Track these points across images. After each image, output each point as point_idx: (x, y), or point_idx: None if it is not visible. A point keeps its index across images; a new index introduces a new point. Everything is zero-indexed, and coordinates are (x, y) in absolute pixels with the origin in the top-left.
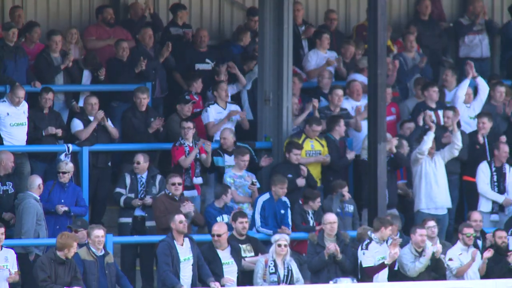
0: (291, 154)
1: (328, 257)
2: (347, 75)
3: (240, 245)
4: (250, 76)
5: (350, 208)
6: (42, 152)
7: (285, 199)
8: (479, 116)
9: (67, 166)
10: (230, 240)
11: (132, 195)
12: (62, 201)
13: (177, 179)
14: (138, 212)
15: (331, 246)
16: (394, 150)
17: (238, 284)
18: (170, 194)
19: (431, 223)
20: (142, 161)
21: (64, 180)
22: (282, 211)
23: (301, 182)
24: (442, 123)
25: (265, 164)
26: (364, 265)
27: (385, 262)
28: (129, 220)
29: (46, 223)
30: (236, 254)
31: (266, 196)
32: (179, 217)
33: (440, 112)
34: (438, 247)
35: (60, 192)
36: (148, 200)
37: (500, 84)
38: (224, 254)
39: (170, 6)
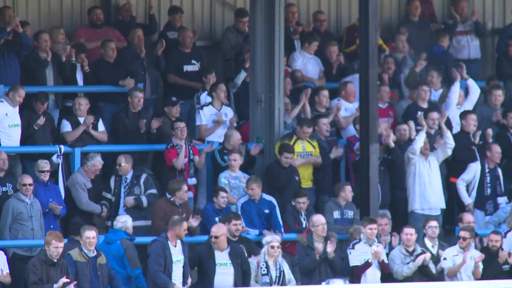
0: (282, 157)
1: (319, 257)
2: (327, 76)
3: None
4: (233, 85)
5: (350, 214)
6: (35, 153)
7: (269, 198)
8: (466, 114)
9: (48, 164)
10: (230, 242)
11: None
12: (50, 200)
13: (186, 186)
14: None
15: (320, 247)
16: (392, 144)
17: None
18: (172, 199)
19: (433, 223)
20: (123, 162)
21: (46, 178)
22: (266, 211)
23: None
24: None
25: (254, 153)
26: (350, 264)
27: (369, 261)
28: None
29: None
30: (236, 256)
31: (245, 198)
32: (185, 225)
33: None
34: (427, 255)
35: (45, 191)
36: (130, 201)
37: (496, 88)
38: (222, 255)
39: (168, 9)
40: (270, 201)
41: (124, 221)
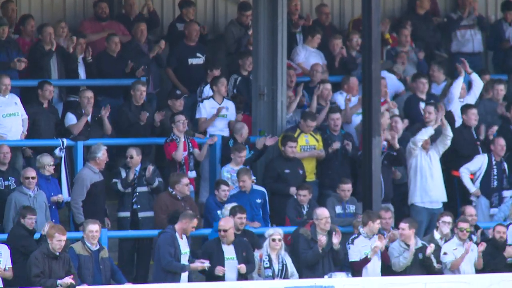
0: (286, 147)
1: (322, 250)
2: (331, 69)
3: None
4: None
5: (352, 208)
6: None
7: (260, 188)
8: (466, 108)
9: (52, 159)
10: (235, 235)
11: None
12: (52, 194)
13: (186, 180)
14: (135, 205)
15: (323, 239)
16: (397, 145)
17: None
18: (174, 193)
19: (447, 219)
20: (135, 155)
21: (50, 172)
22: (259, 200)
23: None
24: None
25: (270, 143)
26: (350, 260)
27: (368, 256)
28: (127, 214)
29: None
30: (241, 249)
31: (234, 190)
32: (195, 223)
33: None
34: (430, 247)
35: (47, 184)
36: (150, 170)
37: (498, 82)
38: (229, 249)
39: (179, 3)
40: (261, 191)
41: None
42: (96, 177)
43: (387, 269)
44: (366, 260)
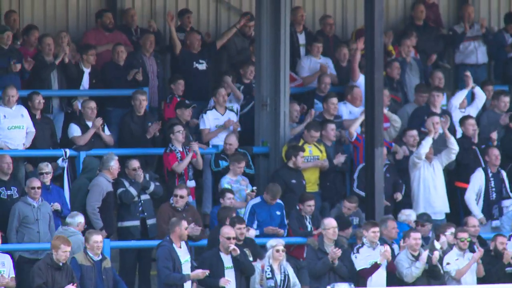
0: (298, 157)
1: (332, 262)
2: (341, 79)
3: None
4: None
5: (356, 220)
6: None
7: (280, 201)
8: (464, 119)
9: (48, 167)
10: None
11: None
12: (51, 203)
13: (180, 192)
14: (141, 214)
15: (338, 251)
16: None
17: None
18: (174, 205)
19: (454, 230)
20: (138, 165)
21: (47, 181)
22: (278, 213)
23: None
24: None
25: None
26: (357, 268)
27: (378, 262)
28: (135, 223)
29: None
30: (238, 259)
31: (257, 199)
32: (185, 224)
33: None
34: (436, 253)
35: (46, 194)
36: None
37: (504, 94)
38: (227, 259)
39: (178, 12)
40: (281, 204)
41: (408, 215)
42: (110, 186)
43: (392, 279)
44: (376, 266)
